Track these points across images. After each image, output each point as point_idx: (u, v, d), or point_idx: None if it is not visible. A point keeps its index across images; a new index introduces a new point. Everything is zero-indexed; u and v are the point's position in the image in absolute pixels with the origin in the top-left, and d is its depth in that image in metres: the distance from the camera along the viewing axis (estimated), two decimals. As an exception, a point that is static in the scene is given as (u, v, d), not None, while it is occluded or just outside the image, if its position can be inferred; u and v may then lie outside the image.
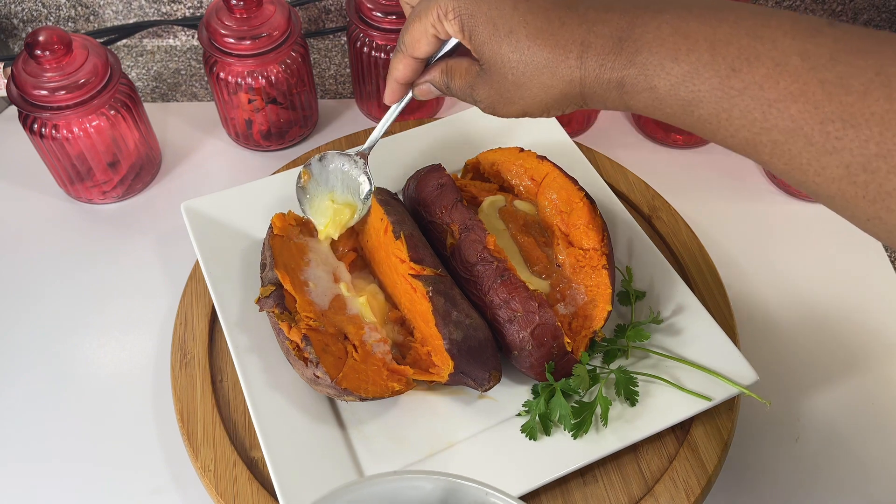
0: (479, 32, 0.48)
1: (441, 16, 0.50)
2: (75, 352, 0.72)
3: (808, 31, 0.40)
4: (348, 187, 0.65)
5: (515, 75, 0.48)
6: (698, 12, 0.43)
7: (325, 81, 0.96)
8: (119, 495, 0.64)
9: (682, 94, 0.43)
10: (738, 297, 0.75)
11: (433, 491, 0.44)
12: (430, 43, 0.53)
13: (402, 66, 0.55)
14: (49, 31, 0.72)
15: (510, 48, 0.47)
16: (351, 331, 0.63)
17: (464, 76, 0.52)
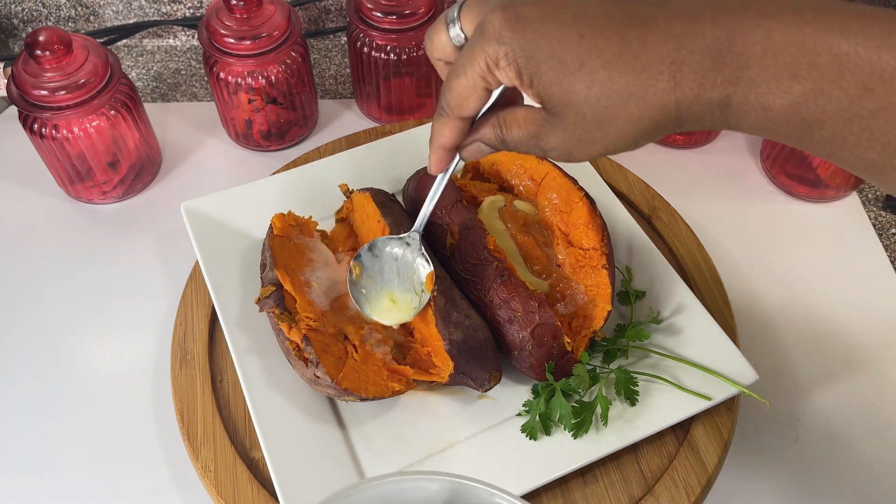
0: (543, 73, 0.42)
1: (491, 65, 0.43)
2: (75, 352, 0.72)
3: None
4: (405, 274, 0.62)
5: (596, 112, 0.42)
6: (813, 18, 0.37)
7: (325, 81, 0.96)
8: (119, 495, 0.64)
9: (804, 115, 0.38)
10: (738, 297, 0.75)
11: (438, 492, 0.44)
12: (481, 98, 0.46)
13: (449, 130, 0.49)
14: (49, 31, 0.72)
15: (585, 84, 0.41)
16: (351, 331, 0.63)
17: (524, 126, 0.46)
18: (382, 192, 0.71)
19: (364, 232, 0.69)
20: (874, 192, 0.85)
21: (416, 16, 0.80)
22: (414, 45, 0.82)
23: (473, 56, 0.43)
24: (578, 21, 0.41)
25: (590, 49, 0.40)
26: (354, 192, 0.72)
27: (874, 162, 0.38)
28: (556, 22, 0.41)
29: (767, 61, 0.37)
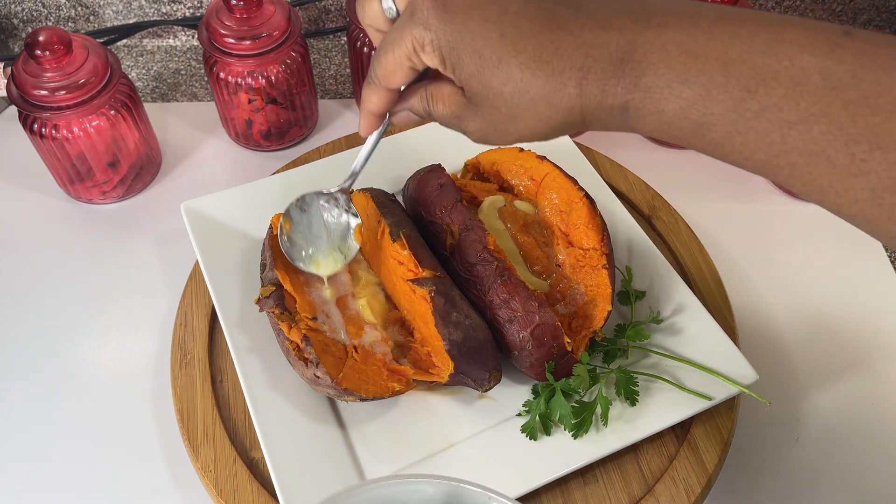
0: (465, 65, 0.44)
1: (417, 48, 0.45)
2: (75, 352, 0.72)
3: (826, 45, 0.37)
4: (334, 229, 0.63)
5: (509, 107, 0.44)
6: (706, 26, 0.39)
7: (325, 81, 0.96)
8: (119, 495, 0.64)
9: (693, 117, 0.40)
10: (738, 297, 0.75)
11: (435, 494, 0.44)
12: (406, 74, 0.48)
13: (377, 98, 0.51)
14: (49, 31, 0.72)
15: (501, 80, 0.43)
16: (351, 331, 0.63)
17: (448, 104, 0.48)
18: (382, 192, 0.71)
19: (364, 232, 0.69)
20: (874, 192, 0.85)
21: (416, 16, 0.80)
22: (414, 45, 0.82)
23: (402, 37, 0.46)
24: (502, 18, 0.43)
25: (508, 48, 0.43)
26: (354, 191, 0.72)
27: (763, 162, 0.40)
28: (481, 17, 0.43)
29: (661, 69, 0.40)
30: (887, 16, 0.99)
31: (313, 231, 0.63)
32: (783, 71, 0.37)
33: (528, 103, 0.44)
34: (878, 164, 0.36)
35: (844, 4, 0.98)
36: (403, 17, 0.46)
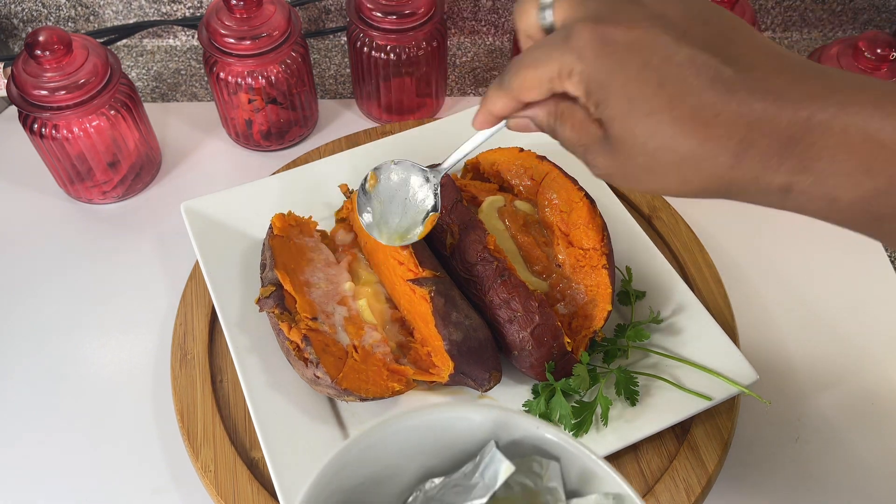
0: (611, 106, 0.41)
1: (563, 74, 0.42)
2: (75, 352, 0.72)
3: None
4: (410, 206, 0.62)
5: (649, 160, 0.41)
6: (893, 109, 0.36)
7: (325, 81, 0.96)
8: (119, 495, 0.64)
9: (874, 209, 0.37)
10: (738, 297, 0.75)
11: (483, 423, 0.44)
12: (543, 95, 0.45)
13: (503, 103, 0.47)
14: (49, 31, 0.72)
15: (648, 132, 0.40)
16: (351, 331, 0.63)
17: (578, 131, 0.44)
18: (382, 192, 0.71)
19: (364, 232, 0.69)
20: (874, 192, 0.85)
21: (416, 16, 0.80)
22: (414, 45, 0.82)
23: (550, 57, 0.42)
24: (664, 67, 0.39)
25: (664, 101, 0.39)
26: (354, 191, 0.72)
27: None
28: (642, 60, 0.40)
29: (841, 156, 0.36)
30: (887, 15, 0.99)
31: (394, 197, 0.62)
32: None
33: (672, 162, 0.40)
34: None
35: (844, 4, 0.98)
36: (557, 36, 0.42)
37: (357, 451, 0.43)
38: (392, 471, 0.46)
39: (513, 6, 0.96)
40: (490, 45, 1.00)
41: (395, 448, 0.44)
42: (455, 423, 0.45)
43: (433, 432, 0.45)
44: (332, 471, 0.42)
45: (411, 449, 0.45)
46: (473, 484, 0.46)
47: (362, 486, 0.45)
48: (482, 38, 1.01)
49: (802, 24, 1.00)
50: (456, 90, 0.95)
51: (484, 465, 0.45)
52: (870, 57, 0.72)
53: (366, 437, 0.43)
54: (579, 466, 0.45)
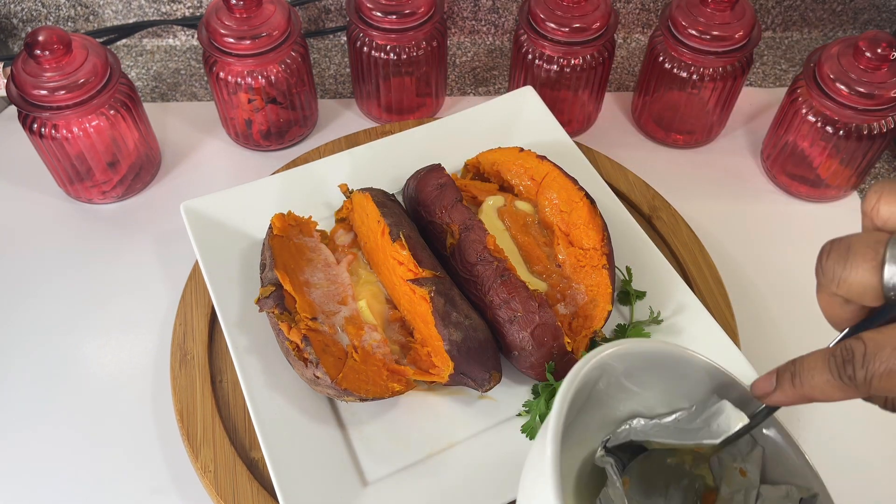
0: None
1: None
2: (75, 352, 0.72)
3: None
4: None
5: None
6: None
7: (325, 81, 0.96)
8: (119, 495, 0.64)
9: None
10: (738, 297, 0.75)
11: (703, 382, 0.48)
12: None
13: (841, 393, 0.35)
14: (49, 31, 0.71)
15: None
16: (351, 331, 0.63)
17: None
18: (382, 191, 0.71)
19: (364, 232, 0.69)
20: (874, 192, 0.85)
21: (416, 16, 0.80)
22: (414, 45, 0.82)
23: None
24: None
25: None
26: (354, 191, 0.72)
27: None
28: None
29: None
30: (887, 15, 0.99)
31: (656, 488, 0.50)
32: None
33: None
34: None
35: (845, 4, 0.98)
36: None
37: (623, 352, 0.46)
38: (606, 397, 0.48)
39: (513, 6, 0.96)
40: (490, 44, 1.00)
41: (623, 371, 0.47)
42: (684, 372, 0.48)
43: (658, 373, 0.48)
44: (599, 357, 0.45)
45: (631, 381, 0.48)
46: (695, 428, 0.48)
47: (594, 393, 0.47)
48: (482, 38, 1.00)
49: (802, 23, 1.00)
50: (456, 90, 0.95)
51: (708, 414, 0.48)
52: (870, 57, 0.72)
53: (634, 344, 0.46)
54: (782, 458, 0.48)
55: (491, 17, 0.98)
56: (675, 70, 0.81)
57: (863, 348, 0.35)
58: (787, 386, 0.39)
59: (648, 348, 0.47)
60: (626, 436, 0.48)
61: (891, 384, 0.34)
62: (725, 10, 0.78)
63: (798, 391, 0.39)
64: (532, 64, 0.83)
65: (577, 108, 0.87)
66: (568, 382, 0.43)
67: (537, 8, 0.79)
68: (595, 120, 0.91)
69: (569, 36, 0.79)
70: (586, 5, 0.79)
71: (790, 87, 0.80)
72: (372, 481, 0.60)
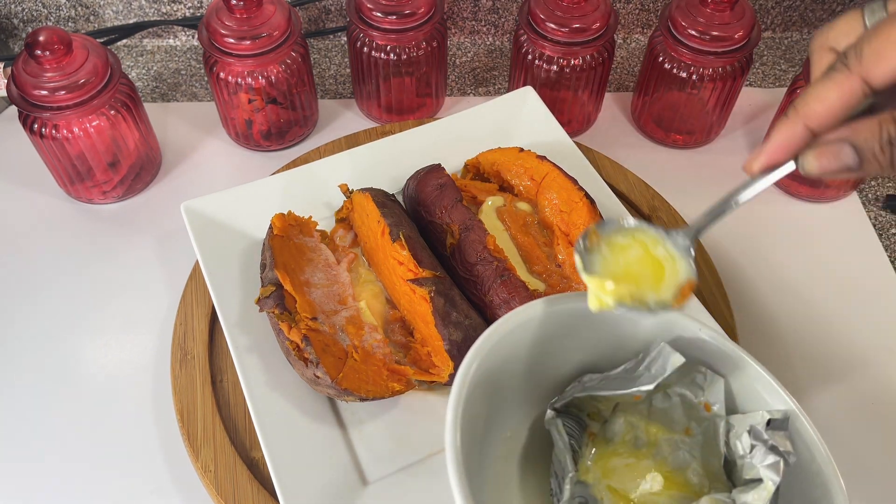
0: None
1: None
2: (75, 352, 0.72)
3: None
4: (653, 268, 0.48)
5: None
6: None
7: (325, 81, 0.96)
8: (119, 495, 0.64)
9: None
10: (738, 297, 0.75)
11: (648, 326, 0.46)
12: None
13: (837, 93, 0.37)
14: (49, 31, 0.71)
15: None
16: (351, 331, 0.63)
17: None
18: (382, 192, 0.71)
19: (364, 232, 0.69)
20: (874, 192, 0.85)
21: (416, 16, 0.80)
22: (414, 45, 0.82)
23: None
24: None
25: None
26: (354, 192, 0.72)
27: None
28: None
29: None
30: (887, 16, 0.99)
31: (628, 256, 0.48)
32: None
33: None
34: None
35: (845, 5, 0.98)
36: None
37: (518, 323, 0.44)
38: (549, 358, 0.47)
39: (513, 6, 0.96)
40: (490, 45, 1.00)
41: (554, 331, 0.45)
42: (620, 319, 0.46)
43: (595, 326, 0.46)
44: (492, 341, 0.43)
45: (571, 340, 0.46)
46: (637, 375, 0.47)
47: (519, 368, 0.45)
48: (482, 38, 1.01)
49: (802, 23, 1.00)
50: (456, 90, 0.96)
51: (650, 360, 0.46)
52: (870, 57, 0.72)
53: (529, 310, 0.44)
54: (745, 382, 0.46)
55: (491, 18, 0.98)
56: (675, 70, 0.82)
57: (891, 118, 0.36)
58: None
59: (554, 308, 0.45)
60: (572, 393, 0.48)
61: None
62: (725, 11, 0.78)
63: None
64: (532, 64, 0.83)
65: (577, 108, 0.87)
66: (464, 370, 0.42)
67: (537, 8, 0.79)
68: (595, 120, 0.91)
69: (569, 36, 0.79)
70: (586, 5, 0.79)
71: (790, 87, 0.80)
72: (372, 481, 0.60)
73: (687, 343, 0.46)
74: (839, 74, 0.37)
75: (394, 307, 0.67)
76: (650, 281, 0.47)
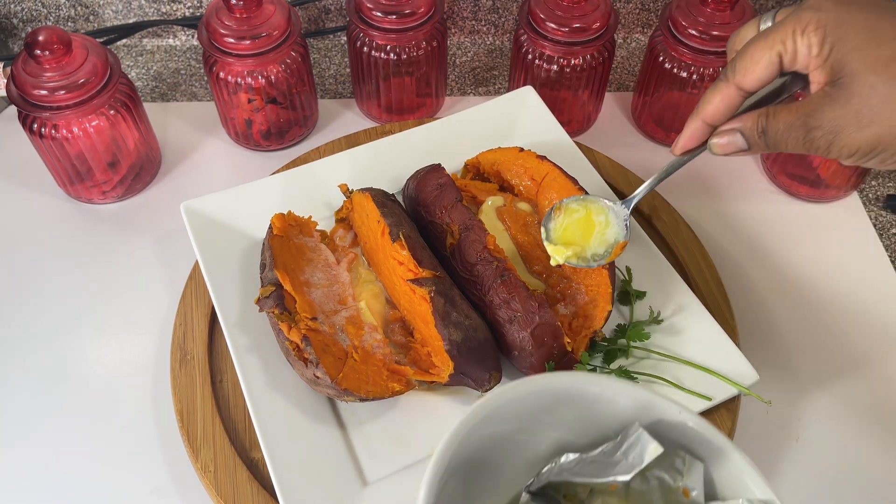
0: (850, 39, 0.43)
1: (797, 31, 0.45)
2: (75, 352, 0.72)
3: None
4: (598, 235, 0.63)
5: (889, 86, 0.42)
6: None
7: (325, 81, 0.96)
8: (119, 495, 0.64)
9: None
10: (738, 297, 0.75)
11: (627, 405, 0.45)
12: (769, 68, 0.47)
13: (720, 98, 0.49)
14: (49, 31, 0.71)
15: (891, 53, 0.42)
16: (351, 331, 0.63)
17: (795, 110, 0.46)
18: (382, 191, 0.71)
19: (364, 232, 0.69)
20: (874, 192, 0.85)
21: (416, 16, 0.80)
22: (414, 45, 0.82)
23: (783, 24, 0.46)
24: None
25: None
26: (354, 192, 0.72)
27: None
28: (879, 6, 0.44)
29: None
30: (887, 15, 0.99)
31: (577, 224, 0.63)
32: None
33: None
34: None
35: (844, 4, 0.98)
36: (788, 13, 0.47)
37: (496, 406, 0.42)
38: (526, 436, 0.46)
39: (513, 6, 0.96)
40: (490, 44, 1.00)
41: (531, 410, 0.44)
42: (598, 398, 0.45)
43: (574, 404, 0.45)
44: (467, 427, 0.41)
45: (548, 417, 0.45)
46: (615, 461, 0.46)
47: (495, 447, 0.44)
48: (482, 38, 1.00)
49: (802, 23, 1.00)
50: (456, 90, 0.95)
51: (627, 445, 0.45)
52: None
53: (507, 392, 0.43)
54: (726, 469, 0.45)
55: (491, 17, 0.98)
56: (675, 70, 0.82)
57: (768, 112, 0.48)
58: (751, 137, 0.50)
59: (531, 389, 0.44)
60: (548, 476, 0.47)
61: (781, 133, 0.47)
62: (725, 10, 0.78)
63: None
64: (532, 64, 0.83)
65: (577, 108, 0.87)
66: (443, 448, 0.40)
67: (537, 8, 0.79)
68: (595, 120, 0.91)
69: (569, 36, 0.79)
70: (586, 5, 0.79)
71: (790, 87, 0.80)
72: (372, 481, 0.60)
73: (667, 426, 0.45)
74: (721, 83, 0.49)
75: (394, 307, 0.67)
76: (589, 242, 0.62)
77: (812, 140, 0.46)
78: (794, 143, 0.47)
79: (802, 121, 0.46)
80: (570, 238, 0.62)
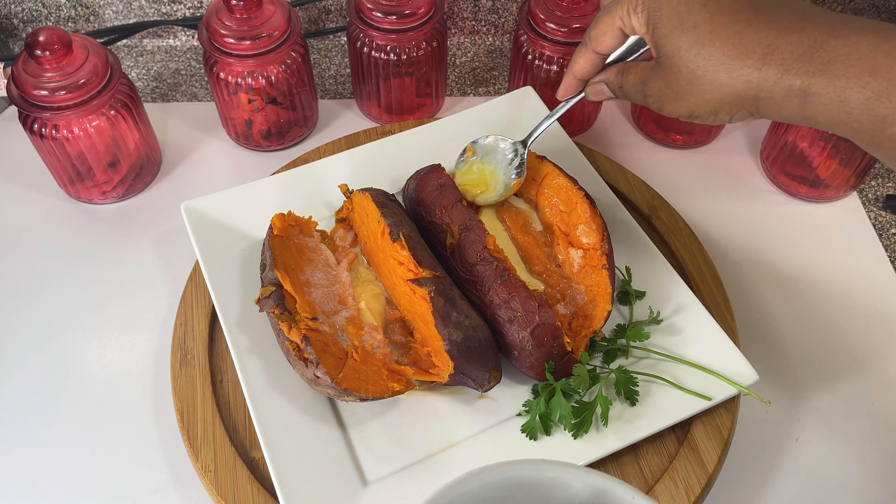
0: (664, 25, 0.50)
1: (630, 10, 0.52)
2: (75, 352, 0.72)
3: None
4: (501, 172, 0.71)
5: (690, 69, 0.49)
6: (891, 35, 0.44)
7: (325, 81, 0.96)
8: (119, 495, 0.64)
9: (877, 111, 0.43)
10: (738, 297, 0.75)
11: (581, 491, 0.44)
12: (615, 37, 0.55)
13: (583, 60, 0.58)
14: (49, 31, 0.72)
15: (690, 42, 0.48)
16: (351, 331, 0.63)
17: (638, 72, 0.54)
18: (382, 192, 0.71)
19: (364, 232, 0.70)
20: (874, 192, 0.85)
21: (416, 16, 0.80)
22: (414, 45, 0.82)
23: (620, 2, 0.53)
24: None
25: (705, 16, 0.48)
26: (354, 192, 0.72)
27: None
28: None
29: (852, 60, 0.44)
30: (887, 15, 0.99)
31: (487, 163, 0.72)
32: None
33: (708, 67, 0.48)
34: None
35: (844, 5, 0.98)
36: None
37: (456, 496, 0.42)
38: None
39: (513, 6, 0.96)
40: (490, 45, 1.00)
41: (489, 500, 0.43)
42: (552, 484, 0.44)
43: (530, 489, 0.44)
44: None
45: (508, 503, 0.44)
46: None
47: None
48: (482, 38, 1.01)
49: (802, 24, 1.00)
50: (456, 90, 0.96)
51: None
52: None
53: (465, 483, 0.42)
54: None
55: (491, 18, 0.98)
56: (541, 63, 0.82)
57: (623, 68, 0.57)
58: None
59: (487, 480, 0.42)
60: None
61: (630, 90, 0.56)
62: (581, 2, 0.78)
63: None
64: (532, 64, 0.83)
65: (576, 108, 0.87)
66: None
67: (537, 8, 0.79)
68: (595, 120, 0.91)
69: (569, 36, 0.79)
70: (586, 5, 0.79)
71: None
72: (372, 481, 0.60)
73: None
74: (583, 48, 0.58)
75: (394, 307, 0.67)
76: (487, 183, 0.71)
77: (648, 102, 0.54)
78: (640, 100, 0.55)
79: (640, 87, 0.54)
80: (471, 179, 0.72)
